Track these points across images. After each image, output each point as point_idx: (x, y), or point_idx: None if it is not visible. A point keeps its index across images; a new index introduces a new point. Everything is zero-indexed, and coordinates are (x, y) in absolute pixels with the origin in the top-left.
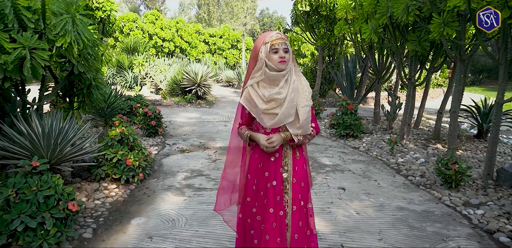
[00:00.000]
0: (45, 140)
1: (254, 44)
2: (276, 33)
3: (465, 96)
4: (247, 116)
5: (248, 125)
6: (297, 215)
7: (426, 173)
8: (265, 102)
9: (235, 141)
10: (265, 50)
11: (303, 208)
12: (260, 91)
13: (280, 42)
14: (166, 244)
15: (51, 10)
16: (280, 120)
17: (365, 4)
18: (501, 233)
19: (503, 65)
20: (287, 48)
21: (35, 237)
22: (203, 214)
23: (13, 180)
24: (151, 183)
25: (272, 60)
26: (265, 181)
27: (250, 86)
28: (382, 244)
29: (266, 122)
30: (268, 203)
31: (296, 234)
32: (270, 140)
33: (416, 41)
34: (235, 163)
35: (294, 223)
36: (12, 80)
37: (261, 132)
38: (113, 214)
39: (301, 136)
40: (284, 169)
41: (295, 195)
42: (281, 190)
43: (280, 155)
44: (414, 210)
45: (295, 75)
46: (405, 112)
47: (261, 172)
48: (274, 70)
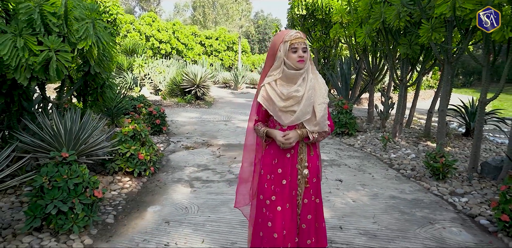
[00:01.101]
0: (67, 135)
1: (272, 42)
2: (296, 32)
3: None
4: (263, 113)
5: (264, 121)
6: (307, 208)
7: (416, 167)
8: (283, 100)
9: (250, 139)
10: (284, 49)
11: (313, 202)
12: (278, 89)
13: (300, 41)
14: (182, 228)
15: (73, 15)
16: (298, 118)
17: (359, 9)
18: (481, 217)
19: (486, 67)
20: (305, 47)
21: (66, 220)
22: (213, 202)
23: (46, 169)
24: (161, 176)
25: (290, 59)
26: (280, 177)
27: (268, 84)
28: (376, 226)
29: (284, 120)
30: (283, 199)
31: (303, 224)
32: (287, 136)
33: (407, 45)
34: (252, 160)
35: (303, 215)
36: (38, 79)
37: (277, 128)
38: (129, 203)
39: (316, 134)
40: (300, 165)
41: (307, 190)
42: (296, 185)
43: (295, 151)
44: (405, 198)
45: (311, 73)
46: (397, 111)
47: (275, 168)
48: (292, 69)
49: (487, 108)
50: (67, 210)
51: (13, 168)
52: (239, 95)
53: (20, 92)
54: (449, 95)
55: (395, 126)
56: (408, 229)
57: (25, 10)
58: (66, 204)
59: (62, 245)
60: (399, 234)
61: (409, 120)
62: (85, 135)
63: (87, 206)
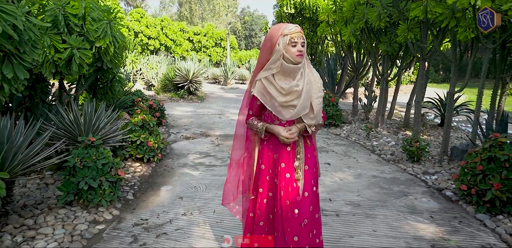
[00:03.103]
0: (87, 124)
1: (269, 35)
2: (294, 26)
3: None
4: (257, 107)
5: (258, 116)
6: (309, 200)
7: (395, 152)
8: (283, 95)
9: (241, 130)
10: (284, 42)
11: (314, 192)
12: (277, 83)
13: (299, 36)
14: (194, 202)
15: (91, 16)
16: (298, 112)
17: (344, 9)
18: (447, 190)
19: (454, 63)
20: (304, 41)
21: (96, 195)
22: (218, 182)
23: (77, 152)
24: (168, 162)
25: (290, 53)
26: (284, 171)
27: (264, 78)
28: (360, 198)
29: (285, 115)
30: (288, 192)
31: (305, 219)
32: (291, 131)
33: (388, 43)
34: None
35: (306, 208)
36: (62, 74)
37: (276, 123)
38: (144, 184)
39: (313, 127)
40: (297, 158)
41: (308, 181)
42: (295, 178)
43: (294, 144)
44: (384, 177)
45: (307, 67)
46: (380, 104)
47: (278, 163)
48: (291, 63)
49: (460, 101)
50: (96, 187)
51: (51, 150)
52: (229, 90)
53: (43, 86)
54: (425, 88)
55: (377, 117)
56: (386, 200)
57: (51, 12)
58: (95, 182)
59: (94, 216)
60: (379, 203)
61: (391, 112)
62: (101, 124)
63: (112, 184)
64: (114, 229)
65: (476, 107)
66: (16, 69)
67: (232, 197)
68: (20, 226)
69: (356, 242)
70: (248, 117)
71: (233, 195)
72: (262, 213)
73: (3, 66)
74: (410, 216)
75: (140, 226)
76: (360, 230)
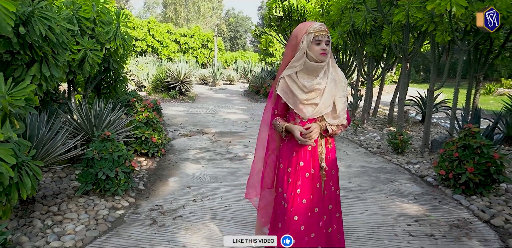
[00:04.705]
0: (97, 121)
1: (294, 33)
2: (320, 24)
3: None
4: (282, 106)
5: (283, 116)
6: (328, 199)
7: (381, 146)
8: (305, 93)
9: (265, 129)
10: (308, 40)
11: (333, 193)
12: (300, 81)
13: (324, 34)
14: (202, 190)
15: (100, 20)
16: (319, 110)
17: (331, 13)
18: (428, 177)
19: (433, 63)
20: (328, 40)
21: (112, 185)
22: (221, 173)
23: (95, 145)
24: (170, 157)
25: (313, 51)
26: (303, 170)
27: (287, 76)
28: (351, 184)
29: (306, 113)
30: (307, 192)
31: (324, 215)
32: (310, 128)
33: (373, 45)
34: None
35: (325, 206)
36: (75, 73)
37: (297, 121)
38: (152, 176)
39: (335, 126)
40: (320, 158)
41: (327, 182)
42: (320, 177)
43: (316, 144)
44: (372, 167)
45: (331, 66)
46: (365, 102)
47: (297, 161)
48: (314, 61)
49: (439, 100)
50: (113, 177)
51: (73, 142)
52: (218, 91)
53: (56, 85)
54: (407, 87)
55: (363, 114)
56: (374, 186)
57: (65, 16)
58: (112, 172)
59: (112, 203)
60: (368, 188)
61: (375, 110)
62: (111, 121)
63: (126, 174)
64: (133, 213)
65: (453, 103)
66: (51, 68)
67: (255, 193)
68: (46, 213)
69: (351, 220)
70: (272, 117)
71: (255, 190)
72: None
73: (42, 66)
74: (396, 198)
75: (156, 211)
76: (353, 210)
